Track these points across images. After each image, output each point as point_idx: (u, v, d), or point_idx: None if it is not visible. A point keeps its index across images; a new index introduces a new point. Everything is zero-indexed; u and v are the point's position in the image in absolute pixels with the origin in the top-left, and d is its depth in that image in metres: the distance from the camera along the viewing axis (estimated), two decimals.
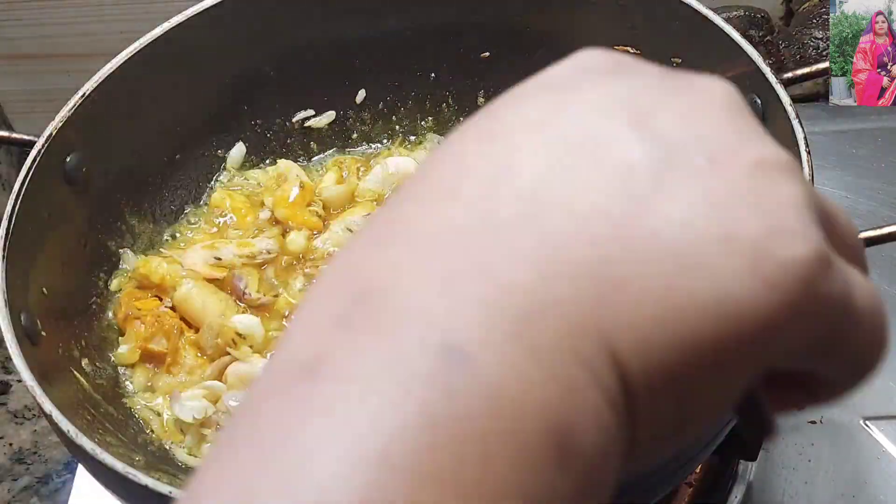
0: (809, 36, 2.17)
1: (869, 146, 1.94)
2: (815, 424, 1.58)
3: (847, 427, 1.57)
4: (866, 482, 1.51)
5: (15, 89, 2.45)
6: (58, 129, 1.37)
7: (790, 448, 1.55)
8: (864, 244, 1.19)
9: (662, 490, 1.19)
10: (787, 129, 1.24)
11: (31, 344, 1.24)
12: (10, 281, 1.24)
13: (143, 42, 1.46)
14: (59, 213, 1.38)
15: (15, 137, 1.44)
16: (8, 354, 1.18)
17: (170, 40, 1.48)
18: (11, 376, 1.90)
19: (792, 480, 1.52)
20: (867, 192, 1.86)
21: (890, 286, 1.74)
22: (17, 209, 1.29)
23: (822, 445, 1.56)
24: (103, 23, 2.33)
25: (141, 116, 1.51)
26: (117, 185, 1.49)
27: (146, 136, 1.53)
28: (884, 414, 1.57)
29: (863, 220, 1.89)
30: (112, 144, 1.47)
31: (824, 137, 1.95)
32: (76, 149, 1.40)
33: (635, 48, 1.58)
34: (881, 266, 1.76)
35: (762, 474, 1.52)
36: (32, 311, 1.27)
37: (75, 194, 1.41)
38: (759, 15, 2.21)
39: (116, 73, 1.44)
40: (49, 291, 1.34)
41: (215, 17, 1.52)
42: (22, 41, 2.38)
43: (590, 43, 1.63)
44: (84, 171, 1.42)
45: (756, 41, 2.16)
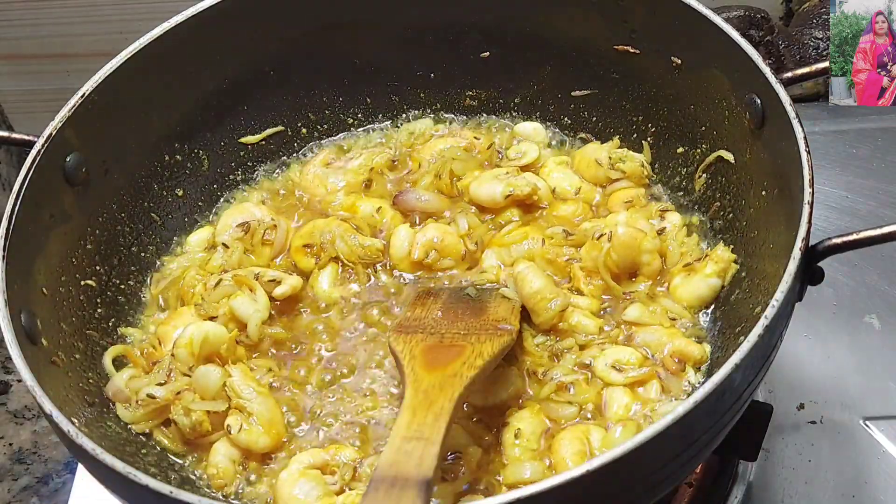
0: (809, 36, 2.17)
1: (869, 146, 1.94)
2: (815, 424, 1.58)
3: (847, 427, 1.57)
4: (866, 482, 1.51)
5: (15, 89, 2.45)
6: (58, 129, 1.37)
7: (790, 448, 1.55)
8: (864, 244, 1.20)
9: (662, 490, 1.19)
10: (787, 129, 1.25)
11: (31, 344, 1.25)
12: (10, 281, 1.24)
13: (143, 42, 1.47)
14: (59, 213, 1.38)
15: (15, 137, 1.44)
16: (8, 354, 1.18)
17: (169, 40, 1.48)
18: (11, 376, 1.91)
19: (792, 480, 1.52)
20: (867, 192, 1.86)
21: (890, 286, 1.74)
22: (17, 209, 1.29)
23: (822, 445, 1.56)
24: (103, 23, 2.33)
25: (140, 116, 1.51)
26: (117, 185, 1.50)
27: (146, 136, 1.53)
28: (884, 414, 1.58)
29: (863, 221, 1.89)
30: (112, 144, 1.47)
31: (824, 137, 1.95)
32: (76, 149, 1.40)
33: (635, 48, 1.59)
34: (881, 266, 1.76)
35: (762, 474, 1.52)
36: (32, 310, 1.28)
37: (75, 194, 1.41)
38: (759, 15, 2.22)
39: (116, 73, 1.44)
40: (49, 291, 1.34)
41: (215, 17, 1.52)
42: (22, 41, 2.38)
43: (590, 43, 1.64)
44: (84, 171, 1.42)
45: (756, 41, 2.16)
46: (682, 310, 1.40)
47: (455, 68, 1.68)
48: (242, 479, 1.31)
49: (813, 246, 1.19)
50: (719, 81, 1.41)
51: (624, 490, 1.08)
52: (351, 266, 1.50)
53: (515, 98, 1.69)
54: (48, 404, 1.13)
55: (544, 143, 1.65)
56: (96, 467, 1.12)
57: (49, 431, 1.80)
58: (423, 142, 1.67)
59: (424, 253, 1.49)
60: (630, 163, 1.55)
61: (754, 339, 1.08)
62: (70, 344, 1.35)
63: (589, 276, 1.44)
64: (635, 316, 1.39)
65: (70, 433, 1.11)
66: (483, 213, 1.55)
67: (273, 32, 1.58)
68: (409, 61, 1.67)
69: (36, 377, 1.15)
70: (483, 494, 1.25)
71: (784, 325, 1.18)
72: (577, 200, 1.56)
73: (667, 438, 1.03)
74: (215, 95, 1.60)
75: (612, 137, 1.61)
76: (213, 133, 1.62)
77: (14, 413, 1.86)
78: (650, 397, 1.32)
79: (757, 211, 1.38)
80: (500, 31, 1.62)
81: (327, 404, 1.37)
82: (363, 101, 1.70)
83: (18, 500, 1.74)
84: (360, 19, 1.61)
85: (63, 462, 1.78)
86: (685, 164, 1.53)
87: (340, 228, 1.51)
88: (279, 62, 1.62)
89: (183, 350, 1.35)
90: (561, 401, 1.33)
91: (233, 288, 1.44)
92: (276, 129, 1.67)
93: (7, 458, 1.80)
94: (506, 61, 1.65)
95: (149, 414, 1.33)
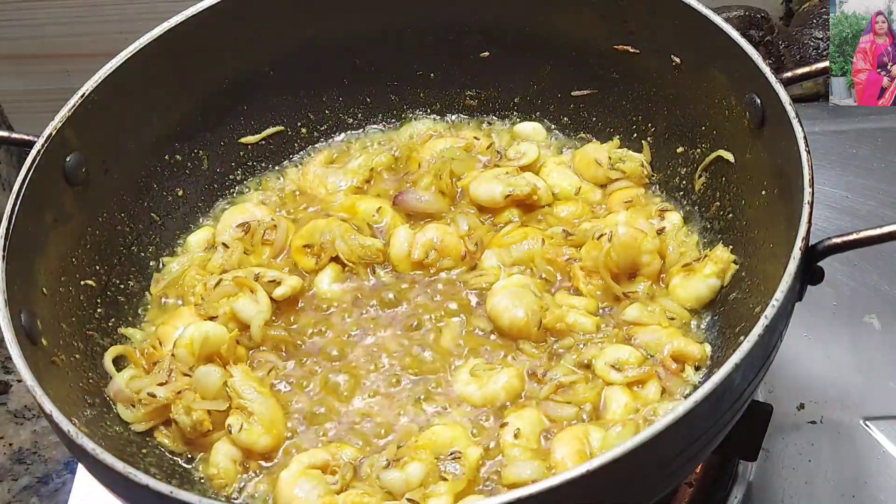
0: (809, 36, 2.17)
1: (869, 146, 1.94)
2: (815, 424, 1.58)
3: (847, 427, 1.57)
4: (866, 482, 1.51)
5: (15, 89, 2.46)
6: (58, 129, 1.37)
7: (790, 448, 1.55)
8: (864, 244, 1.20)
9: (662, 490, 1.19)
10: (787, 129, 1.25)
11: (31, 344, 1.25)
12: (10, 281, 1.24)
13: (143, 42, 1.47)
14: (59, 213, 1.38)
15: (15, 137, 1.44)
16: (8, 354, 1.18)
17: (169, 40, 1.48)
18: (11, 376, 1.91)
19: (792, 480, 1.52)
20: (867, 192, 1.86)
21: (890, 286, 1.74)
22: (17, 209, 1.29)
23: (822, 445, 1.56)
24: (103, 23, 2.33)
25: (140, 116, 1.51)
26: (117, 185, 1.50)
27: (146, 136, 1.53)
28: (884, 414, 1.58)
29: (863, 221, 1.89)
30: (112, 144, 1.47)
31: (824, 137, 1.95)
32: (76, 149, 1.40)
33: (635, 48, 1.59)
34: (881, 266, 1.76)
35: (762, 474, 1.52)
36: (32, 310, 1.28)
37: (75, 194, 1.41)
38: (759, 15, 2.22)
39: (116, 73, 1.44)
40: (49, 291, 1.34)
41: (215, 17, 1.52)
42: (22, 41, 2.38)
43: (590, 43, 1.64)
44: (84, 171, 1.42)
45: (756, 41, 2.16)
46: (681, 310, 1.40)
47: (455, 68, 1.68)
48: (243, 479, 1.31)
49: (813, 246, 1.19)
50: (719, 81, 1.41)
51: (623, 490, 1.08)
52: (351, 266, 1.50)
53: (515, 98, 1.69)
54: (48, 404, 1.13)
55: (544, 143, 1.65)
56: (96, 467, 1.12)
57: (49, 431, 1.80)
58: (423, 142, 1.67)
59: (424, 253, 1.49)
60: (630, 163, 1.55)
61: (754, 339, 1.08)
62: (70, 344, 1.35)
63: (589, 276, 1.44)
64: (634, 316, 1.39)
65: (70, 433, 1.11)
66: (483, 213, 1.55)
67: (273, 32, 1.58)
68: (409, 61, 1.67)
69: (36, 377, 1.16)
70: (483, 494, 1.25)
71: (784, 325, 1.18)
72: (577, 200, 1.56)
73: (666, 438, 1.03)
74: (215, 95, 1.60)
75: (612, 137, 1.61)
76: (213, 133, 1.62)
77: (14, 413, 1.86)
78: (650, 397, 1.32)
79: (757, 211, 1.38)
80: (500, 31, 1.62)
81: (328, 404, 1.37)
82: (363, 101, 1.70)
83: (18, 500, 1.74)
84: (361, 19, 1.61)
85: (63, 462, 1.78)
86: (685, 164, 1.53)
87: (340, 228, 1.51)
88: (279, 62, 1.62)
89: (183, 350, 1.35)
90: (560, 401, 1.33)
91: (233, 288, 1.44)
92: (276, 129, 1.67)
93: (7, 458, 1.80)
94: (506, 61, 1.65)
95: (149, 413, 1.33)
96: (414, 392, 1.37)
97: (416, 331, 1.44)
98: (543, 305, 1.40)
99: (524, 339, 1.39)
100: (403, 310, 1.46)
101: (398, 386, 1.38)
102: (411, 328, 1.44)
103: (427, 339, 1.42)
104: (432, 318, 1.45)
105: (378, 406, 1.36)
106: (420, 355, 1.41)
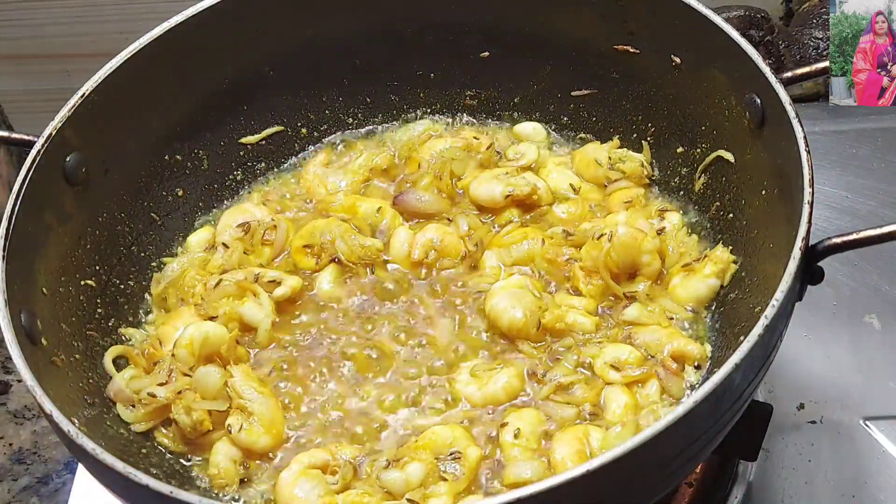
0: (809, 36, 2.17)
1: (869, 146, 1.94)
2: (815, 424, 1.58)
3: (847, 427, 1.57)
4: (866, 482, 1.51)
5: (15, 89, 2.46)
6: (58, 129, 1.37)
7: (790, 448, 1.55)
8: (864, 244, 1.20)
9: (662, 489, 1.19)
10: (787, 129, 1.25)
11: (31, 344, 1.25)
12: (10, 281, 1.24)
13: (143, 42, 1.47)
14: (59, 212, 1.38)
15: (15, 137, 1.44)
16: (8, 354, 1.18)
17: (169, 40, 1.48)
18: (11, 376, 1.91)
19: (792, 480, 1.52)
20: (867, 192, 1.86)
21: (890, 286, 1.74)
22: (17, 209, 1.29)
23: (822, 445, 1.56)
24: (103, 23, 2.33)
25: (140, 116, 1.51)
26: (117, 185, 1.50)
27: (146, 136, 1.53)
28: (884, 414, 1.57)
29: (863, 220, 1.89)
30: (112, 144, 1.47)
31: (824, 137, 1.95)
32: (76, 149, 1.40)
33: (635, 48, 1.59)
34: (881, 266, 1.76)
35: (762, 474, 1.52)
36: (32, 310, 1.28)
37: (75, 194, 1.41)
38: (759, 15, 2.22)
39: (116, 73, 1.44)
40: (49, 291, 1.34)
41: (215, 17, 1.52)
42: (22, 41, 2.38)
43: (590, 43, 1.65)
44: (84, 171, 1.42)
45: (756, 41, 2.16)
46: (681, 310, 1.40)
47: (455, 68, 1.68)
48: (243, 479, 1.31)
49: (813, 246, 1.19)
50: (719, 81, 1.41)
51: (623, 490, 1.08)
52: (351, 266, 1.50)
53: (515, 98, 1.69)
54: (48, 404, 1.13)
55: (544, 144, 1.65)
56: (96, 467, 1.12)
57: (49, 431, 1.80)
58: (423, 142, 1.67)
59: (424, 253, 1.49)
60: (630, 163, 1.55)
61: (754, 339, 1.08)
62: (70, 344, 1.35)
63: (589, 276, 1.44)
64: (634, 316, 1.39)
65: (70, 433, 1.11)
66: (483, 213, 1.55)
67: (273, 32, 1.58)
68: (409, 61, 1.67)
69: (36, 377, 1.15)
70: (483, 494, 1.25)
71: (784, 324, 1.18)
72: (577, 200, 1.56)
73: (666, 438, 1.03)
74: (215, 95, 1.60)
75: (612, 137, 1.61)
76: (213, 133, 1.62)
77: (14, 413, 1.86)
78: (650, 397, 1.32)
79: (757, 211, 1.38)
80: (500, 31, 1.62)
81: (328, 404, 1.37)
82: (363, 101, 1.70)
83: (18, 500, 1.74)
84: (361, 19, 1.61)
85: (63, 462, 1.78)
86: (685, 164, 1.53)
87: (340, 228, 1.51)
88: (279, 62, 1.62)
89: (183, 350, 1.35)
90: (560, 401, 1.33)
91: (233, 288, 1.44)
92: (276, 129, 1.67)
93: (7, 458, 1.80)
94: (506, 61, 1.65)
95: (149, 413, 1.33)
96: (414, 392, 1.37)
97: (415, 331, 1.44)
98: (542, 306, 1.40)
99: (523, 339, 1.39)
100: (403, 310, 1.46)
101: (398, 386, 1.38)
102: (411, 328, 1.44)
103: (427, 340, 1.43)
104: (432, 318, 1.45)
105: (378, 406, 1.36)
106: (420, 356, 1.41)
